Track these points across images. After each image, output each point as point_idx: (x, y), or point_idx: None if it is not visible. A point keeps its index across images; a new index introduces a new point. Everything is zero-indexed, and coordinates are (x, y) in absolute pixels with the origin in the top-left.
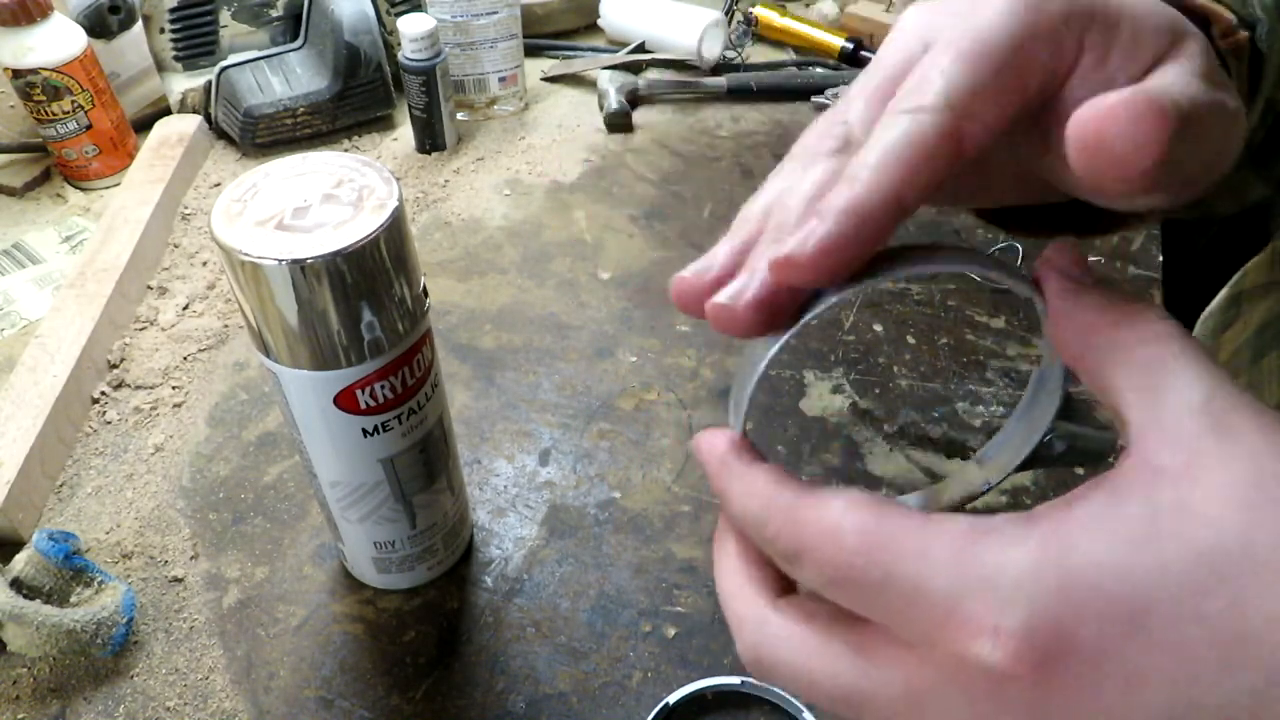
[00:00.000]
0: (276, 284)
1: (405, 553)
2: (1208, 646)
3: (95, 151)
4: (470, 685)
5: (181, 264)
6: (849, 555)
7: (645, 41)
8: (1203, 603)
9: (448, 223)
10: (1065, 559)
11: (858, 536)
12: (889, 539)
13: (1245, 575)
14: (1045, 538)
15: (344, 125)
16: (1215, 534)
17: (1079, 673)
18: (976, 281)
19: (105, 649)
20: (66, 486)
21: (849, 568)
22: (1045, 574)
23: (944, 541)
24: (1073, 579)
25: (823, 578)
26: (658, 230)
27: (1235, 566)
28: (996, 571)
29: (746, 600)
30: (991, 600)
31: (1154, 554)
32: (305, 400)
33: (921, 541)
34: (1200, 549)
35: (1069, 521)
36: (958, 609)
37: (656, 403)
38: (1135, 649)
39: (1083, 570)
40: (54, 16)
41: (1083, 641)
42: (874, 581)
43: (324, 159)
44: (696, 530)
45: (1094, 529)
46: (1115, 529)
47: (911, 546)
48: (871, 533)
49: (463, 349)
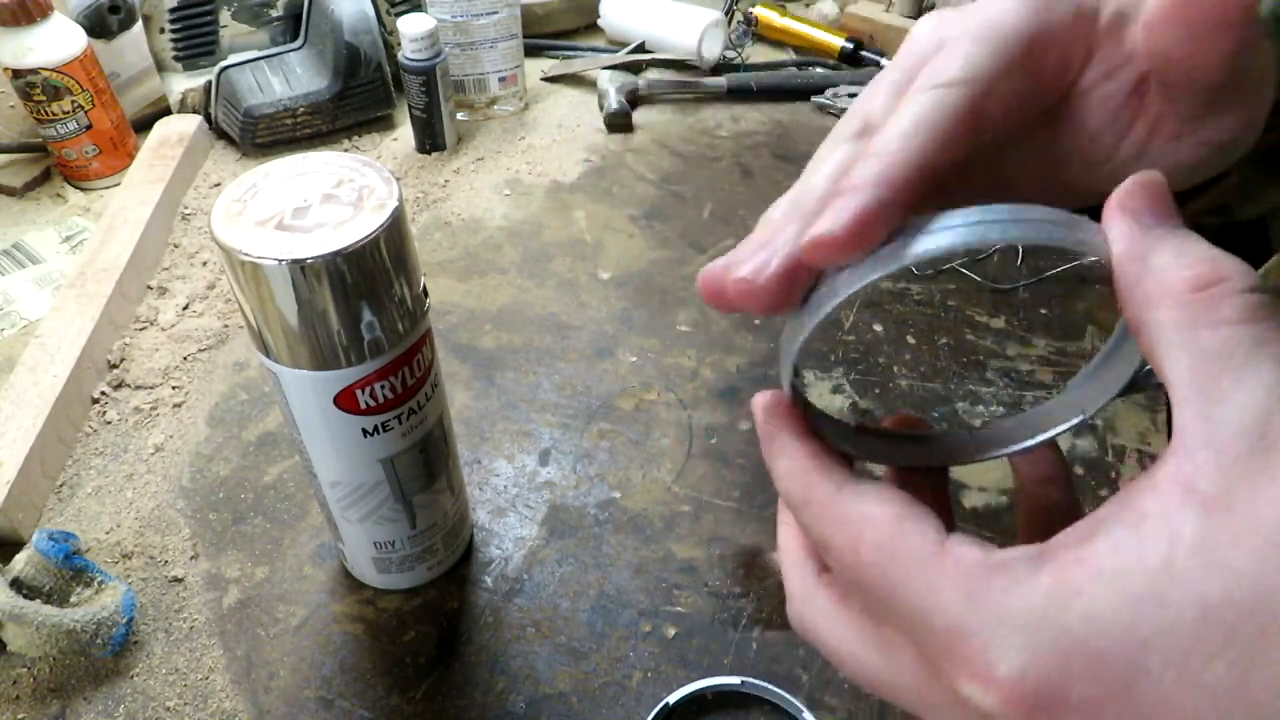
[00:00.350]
0: (276, 284)
1: (405, 553)
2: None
3: (95, 151)
4: (470, 685)
5: (181, 264)
6: (864, 568)
7: (645, 41)
8: (1205, 667)
9: (448, 223)
10: (1067, 609)
11: (874, 551)
12: (902, 562)
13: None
14: (1053, 582)
15: (344, 125)
16: (1231, 585)
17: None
18: (977, 282)
19: (105, 649)
20: (66, 486)
21: (863, 579)
22: (1045, 624)
23: (953, 574)
24: (1071, 634)
25: (843, 576)
26: (658, 230)
27: (1246, 625)
28: (997, 616)
29: (796, 571)
30: (988, 645)
31: (1161, 609)
32: (305, 400)
33: (932, 571)
34: (1212, 602)
35: (1082, 563)
36: (956, 647)
37: (656, 403)
38: (1127, 711)
39: (1083, 624)
40: (54, 16)
41: (1072, 698)
42: (884, 598)
43: (324, 159)
44: (696, 530)
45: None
46: (1126, 578)
47: (921, 574)
48: (887, 551)
49: (463, 349)
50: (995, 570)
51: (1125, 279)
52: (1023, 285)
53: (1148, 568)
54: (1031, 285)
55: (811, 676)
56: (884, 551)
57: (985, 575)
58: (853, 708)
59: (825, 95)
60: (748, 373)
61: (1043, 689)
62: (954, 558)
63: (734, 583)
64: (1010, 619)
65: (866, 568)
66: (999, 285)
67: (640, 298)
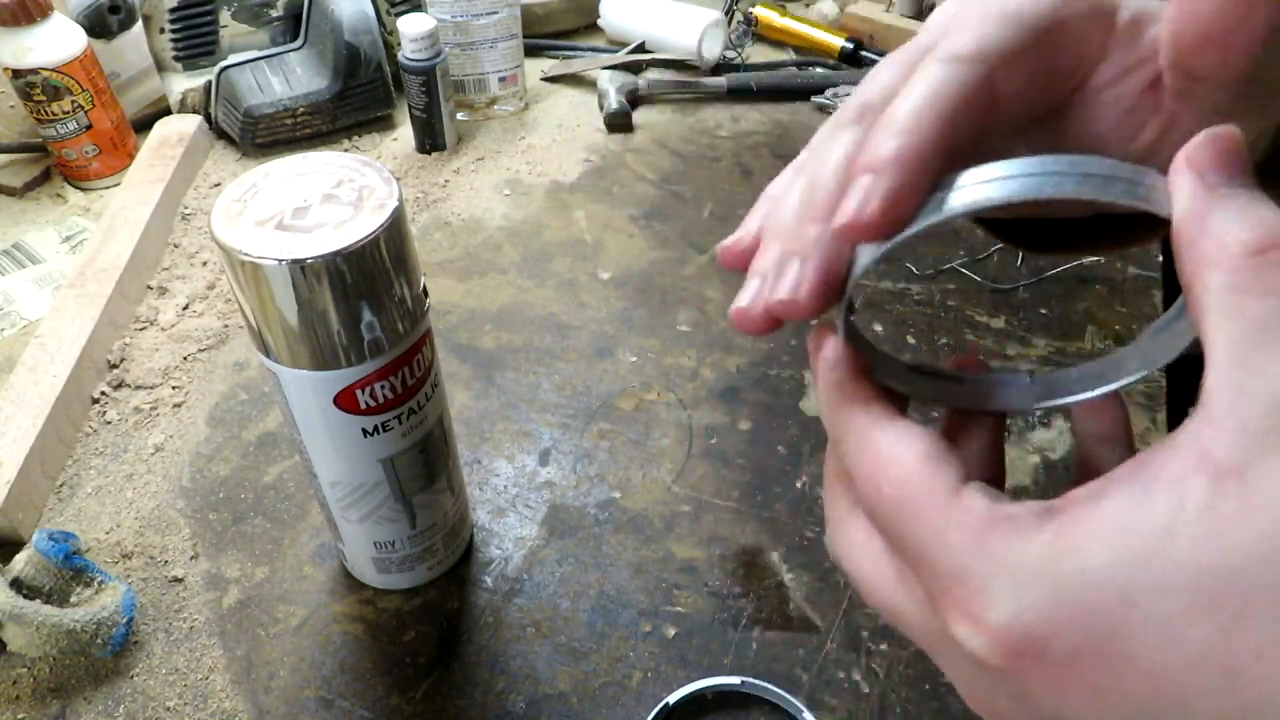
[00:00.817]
0: (276, 284)
1: (405, 553)
2: (1184, 672)
3: (95, 151)
4: (470, 685)
5: (181, 264)
6: (883, 502)
7: (645, 41)
8: (1188, 630)
9: (448, 223)
10: (1062, 564)
11: (892, 488)
12: (916, 502)
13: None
14: (1055, 537)
15: (344, 125)
16: (1226, 554)
17: (1049, 674)
18: (977, 282)
19: (105, 649)
20: (66, 486)
21: (880, 513)
22: (1039, 577)
23: (959, 521)
24: (1060, 588)
25: (864, 507)
26: (658, 230)
27: (1233, 594)
28: (995, 565)
29: (833, 498)
30: (983, 591)
31: (1156, 571)
32: (305, 400)
33: (941, 515)
34: (1204, 568)
35: (1085, 521)
36: (954, 589)
37: (656, 403)
38: (1107, 665)
39: (1074, 579)
40: (54, 16)
41: (1055, 647)
42: (896, 534)
43: (324, 159)
44: (696, 530)
45: (1105, 532)
46: (1126, 537)
47: (932, 517)
48: (904, 489)
49: (463, 349)
50: (1000, 521)
51: (1183, 237)
52: (1023, 285)
53: (1148, 530)
54: (1031, 285)
55: (811, 676)
56: (901, 489)
57: (990, 526)
58: (853, 708)
59: (825, 95)
60: (748, 373)
61: (1028, 637)
62: (964, 505)
63: (734, 583)
64: (1007, 569)
65: (885, 502)
66: (999, 285)
67: (640, 298)
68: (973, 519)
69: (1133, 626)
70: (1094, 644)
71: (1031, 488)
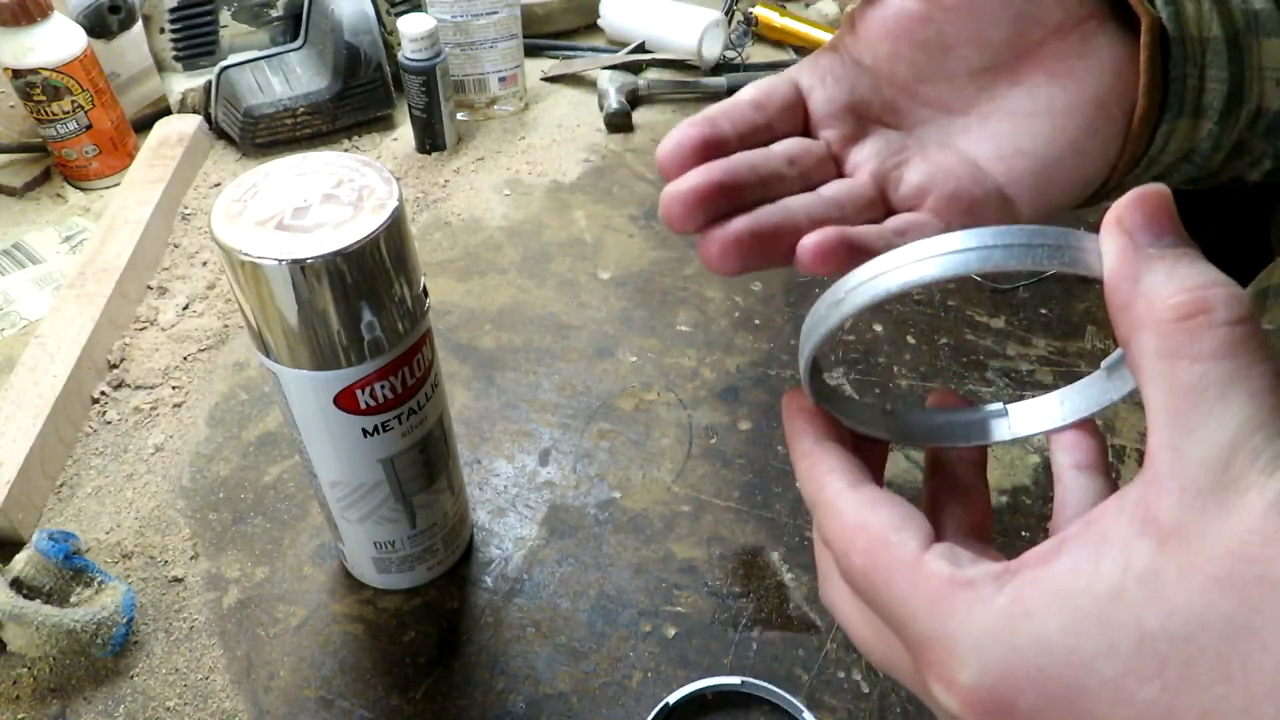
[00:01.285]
0: (276, 284)
1: (405, 553)
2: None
3: (95, 151)
4: (470, 685)
5: (181, 264)
6: (855, 570)
7: (645, 41)
8: (1139, 690)
9: (448, 223)
10: (1019, 628)
11: (862, 557)
12: (884, 570)
13: (1183, 668)
14: (1012, 602)
15: (344, 125)
16: (1168, 618)
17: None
18: (977, 282)
19: (105, 649)
20: (66, 486)
21: (852, 580)
22: (998, 641)
23: (923, 588)
24: (1019, 651)
25: (839, 571)
26: (658, 230)
27: (1177, 655)
28: (959, 630)
29: (820, 553)
30: (951, 654)
31: (1105, 634)
32: (305, 400)
33: (907, 582)
34: (1149, 632)
35: (1039, 583)
36: (926, 651)
37: (656, 403)
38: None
39: (1030, 643)
40: (54, 16)
41: (1019, 708)
42: (870, 599)
43: (324, 159)
44: (696, 530)
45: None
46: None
47: (898, 584)
48: (872, 558)
49: (463, 349)
50: (961, 587)
51: (1115, 298)
52: (1023, 285)
53: (1097, 593)
54: (1031, 285)
55: (811, 676)
56: (869, 558)
57: (951, 592)
58: (852, 708)
59: None
60: (748, 373)
61: (995, 698)
62: (927, 571)
63: (734, 583)
64: (969, 634)
65: (855, 571)
66: (999, 285)
67: (640, 298)
68: (935, 584)
69: (1088, 686)
70: (1054, 704)
71: (1031, 488)
